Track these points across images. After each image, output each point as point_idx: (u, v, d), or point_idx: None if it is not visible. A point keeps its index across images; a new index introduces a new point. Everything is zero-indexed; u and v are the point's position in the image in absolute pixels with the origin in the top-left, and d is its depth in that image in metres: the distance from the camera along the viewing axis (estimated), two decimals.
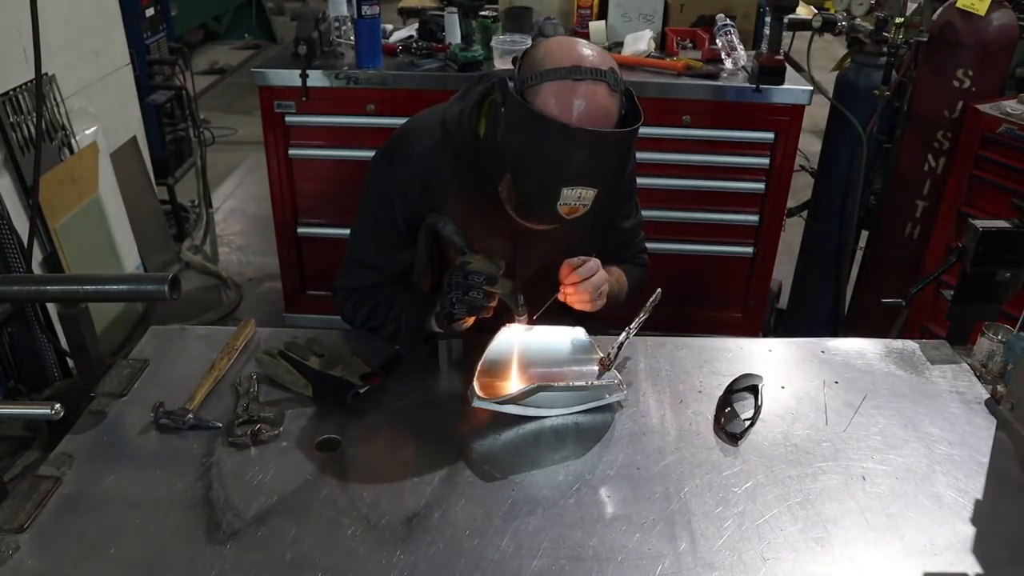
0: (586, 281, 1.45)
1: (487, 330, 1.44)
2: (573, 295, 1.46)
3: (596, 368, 1.44)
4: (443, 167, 1.50)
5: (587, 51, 1.33)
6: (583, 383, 1.39)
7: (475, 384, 1.32)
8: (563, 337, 1.48)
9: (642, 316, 1.49)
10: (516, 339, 1.42)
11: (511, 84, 1.33)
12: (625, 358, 1.52)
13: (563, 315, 1.52)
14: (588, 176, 1.31)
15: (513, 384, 1.38)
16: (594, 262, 1.47)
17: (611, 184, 1.36)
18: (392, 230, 1.55)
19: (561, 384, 1.36)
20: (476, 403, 1.30)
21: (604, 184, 1.33)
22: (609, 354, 1.44)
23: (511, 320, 1.42)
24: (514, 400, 1.30)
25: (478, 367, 1.36)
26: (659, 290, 1.52)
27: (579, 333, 1.49)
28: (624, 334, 1.47)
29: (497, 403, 1.32)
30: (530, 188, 1.34)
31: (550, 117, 1.28)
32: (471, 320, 1.43)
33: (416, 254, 1.53)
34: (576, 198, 1.32)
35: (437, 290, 1.46)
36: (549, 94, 1.30)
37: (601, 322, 1.73)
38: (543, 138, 1.29)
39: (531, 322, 1.43)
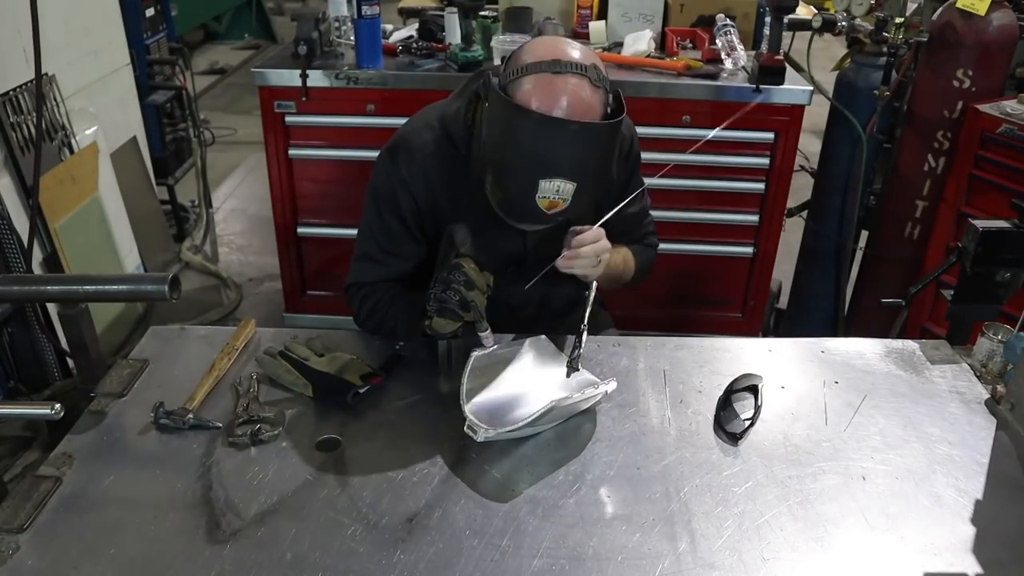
0: (586, 248, 1.44)
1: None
2: (572, 260, 1.45)
3: (568, 370, 1.42)
4: (443, 162, 1.52)
5: (569, 48, 1.35)
6: (579, 391, 1.36)
7: (471, 418, 1.28)
8: (529, 349, 1.47)
9: (588, 309, 1.47)
10: (490, 362, 1.41)
11: (495, 80, 1.35)
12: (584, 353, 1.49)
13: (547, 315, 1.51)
14: (565, 168, 1.31)
15: (507, 408, 1.35)
16: (597, 230, 1.46)
17: (592, 179, 1.36)
18: (398, 224, 1.56)
19: (568, 397, 1.32)
20: (482, 437, 1.26)
21: (583, 178, 1.33)
22: (574, 357, 1.43)
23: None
24: (524, 425, 1.27)
25: (463, 400, 1.31)
26: (594, 283, 1.50)
27: (540, 341, 1.49)
28: (578, 336, 1.45)
29: (506, 432, 1.28)
30: (509, 181, 1.35)
31: (527, 107, 1.29)
32: (444, 327, 1.39)
33: (437, 262, 1.54)
34: (555, 191, 1.32)
35: None
36: (529, 86, 1.32)
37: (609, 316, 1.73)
38: (520, 128, 1.30)
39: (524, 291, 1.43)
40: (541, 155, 1.31)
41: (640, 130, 1.67)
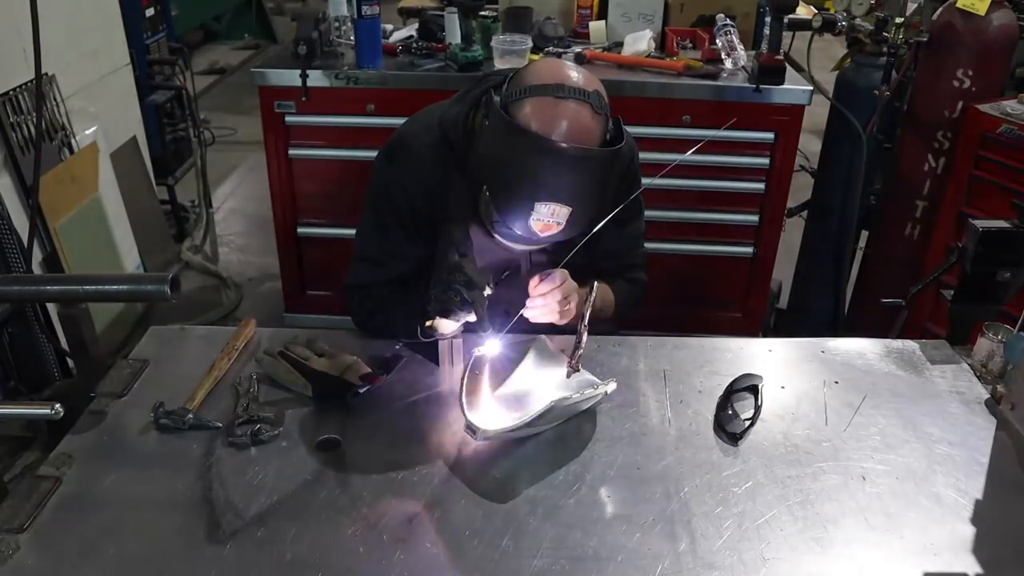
0: (548, 294, 1.43)
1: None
2: (535, 308, 1.45)
3: (568, 370, 1.43)
4: (441, 165, 1.51)
5: (573, 72, 1.35)
6: (579, 391, 1.36)
7: (471, 418, 1.27)
8: (529, 349, 1.47)
9: (587, 312, 1.46)
10: (490, 362, 1.40)
11: (496, 99, 1.34)
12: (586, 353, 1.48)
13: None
14: (562, 193, 1.31)
15: (506, 408, 1.35)
16: (558, 274, 1.45)
17: (588, 204, 1.35)
18: (396, 225, 1.56)
19: (568, 397, 1.32)
20: (482, 437, 1.26)
21: (579, 203, 1.33)
22: (573, 358, 1.43)
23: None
24: (523, 425, 1.27)
25: (463, 400, 1.30)
26: (595, 283, 1.48)
27: (540, 341, 1.49)
28: (578, 336, 1.44)
29: (505, 432, 1.28)
30: (505, 201, 1.34)
31: (528, 130, 1.29)
32: (448, 325, 1.40)
33: (435, 262, 1.54)
34: (550, 214, 1.32)
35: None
36: (530, 109, 1.32)
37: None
38: (520, 151, 1.30)
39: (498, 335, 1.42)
40: (540, 178, 1.30)
41: (640, 130, 1.67)
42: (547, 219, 1.33)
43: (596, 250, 1.52)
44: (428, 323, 1.39)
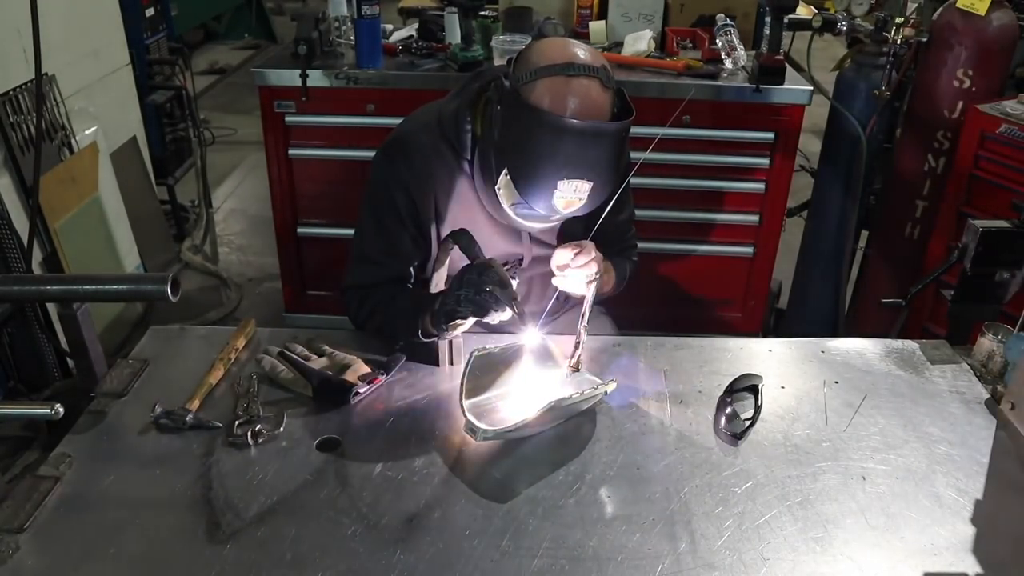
0: (585, 266, 1.46)
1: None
2: (569, 279, 1.47)
3: (568, 370, 1.43)
4: (440, 163, 1.52)
5: (579, 50, 1.37)
6: (579, 391, 1.35)
7: (471, 418, 1.27)
8: (529, 349, 1.46)
9: (587, 312, 1.46)
10: (490, 362, 1.40)
11: (506, 82, 1.34)
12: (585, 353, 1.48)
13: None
14: (584, 169, 1.33)
15: (506, 408, 1.35)
16: (590, 245, 1.48)
17: (606, 177, 1.38)
18: (396, 224, 1.56)
19: (568, 397, 1.30)
20: (482, 437, 1.26)
21: (599, 177, 1.35)
22: (573, 358, 1.43)
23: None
24: (523, 425, 1.26)
25: (463, 400, 1.31)
26: (593, 283, 1.49)
27: (539, 341, 1.48)
28: (578, 335, 1.44)
29: (506, 432, 1.28)
30: (528, 183, 1.36)
31: (546, 111, 1.30)
32: (465, 325, 1.41)
33: (435, 260, 1.54)
34: (572, 191, 1.35)
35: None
36: (544, 90, 1.33)
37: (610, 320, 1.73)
38: (539, 132, 1.31)
39: (527, 324, 1.42)
40: (563, 157, 1.32)
41: (640, 130, 1.66)
42: (570, 195, 1.36)
43: (596, 237, 1.54)
44: (450, 323, 1.39)
